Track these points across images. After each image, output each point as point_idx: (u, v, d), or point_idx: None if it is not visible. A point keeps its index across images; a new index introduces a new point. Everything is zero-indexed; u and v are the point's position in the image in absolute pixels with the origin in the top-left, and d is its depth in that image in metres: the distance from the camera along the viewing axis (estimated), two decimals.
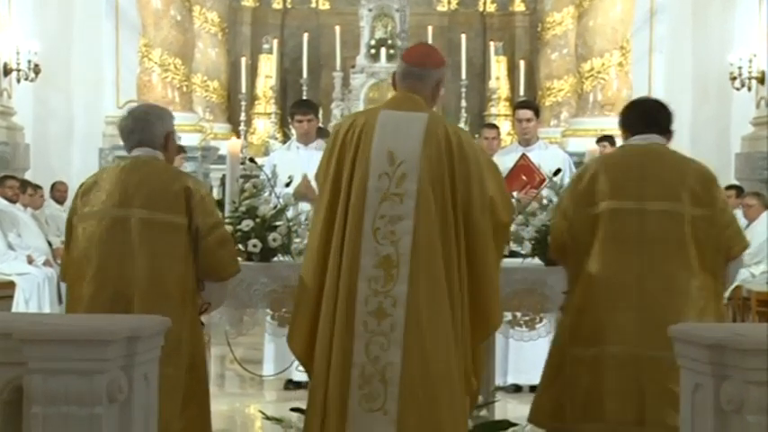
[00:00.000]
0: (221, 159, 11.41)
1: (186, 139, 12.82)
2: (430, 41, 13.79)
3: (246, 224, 5.28)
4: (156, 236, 4.28)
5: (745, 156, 12.53)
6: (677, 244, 4.57)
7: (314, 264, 4.41)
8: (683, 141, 14.33)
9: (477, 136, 12.87)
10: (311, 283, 4.40)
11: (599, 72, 13.45)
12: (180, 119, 13.31)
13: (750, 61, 12.76)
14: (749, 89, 12.82)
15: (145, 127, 4.44)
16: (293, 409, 5.48)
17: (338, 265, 4.32)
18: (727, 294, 7.61)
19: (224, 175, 6.19)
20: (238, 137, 13.26)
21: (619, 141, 12.36)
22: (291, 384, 7.60)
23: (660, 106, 4.94)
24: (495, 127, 9.52)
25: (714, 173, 4.79)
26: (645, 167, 4.67)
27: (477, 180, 4.37)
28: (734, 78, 12.86)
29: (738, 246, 4.75)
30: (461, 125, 14.29)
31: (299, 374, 6.89)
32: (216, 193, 12.16)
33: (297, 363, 6.18)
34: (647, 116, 4.86)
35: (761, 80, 12.75)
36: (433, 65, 4.56)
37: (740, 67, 12.77)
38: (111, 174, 4.41)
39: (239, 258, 4.82)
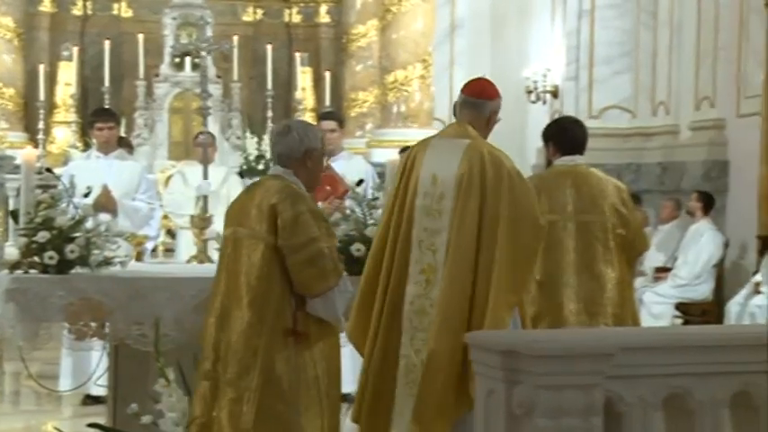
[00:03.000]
0: (17, 169, 11.04)
1: None
2: (236, 51, 13.75)
3: (42, 235, 5.15)
4: (245, 252, 4.45)
5: (541, 167, 12.99)
6: (604, 248, 5.57)
7: (371, 269, 5.05)
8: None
9: None
10: (368, 285, 5.02)
11: (402, 84, 13.70)
12: None
13: (544, 76, 13.26)
14: (544, 102, 13.31)
15: (282, 143, 4.61)
16: (91, 425, 5.36)
17: (389, 271, 4.97)
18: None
19: (20, 186, 6.00)
20: (36, 146, 12.88)
21: None
22: (89, 399, 7.41)
23: (584, 130, 5.86)
24: None
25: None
26: (575, 187, 5.60)
27: (508, 197, 4.89)
28: (530, 92, 13.34)
29: (644, 246, 6.05)
30: (267, 135, 14.30)
31: (97, 389, 6.75)
32: (12, 204, 11.76)
33: (95, 377, 6.11)
34: (577, 141, 5.77)
35: (554, 94, 13.26)
36: (488, 97, 5.17)
37: (535, 81, 13.26)
38: (245, 193, 4.70)
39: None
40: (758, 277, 9.19)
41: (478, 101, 5.14)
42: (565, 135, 5.81)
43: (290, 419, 4.35)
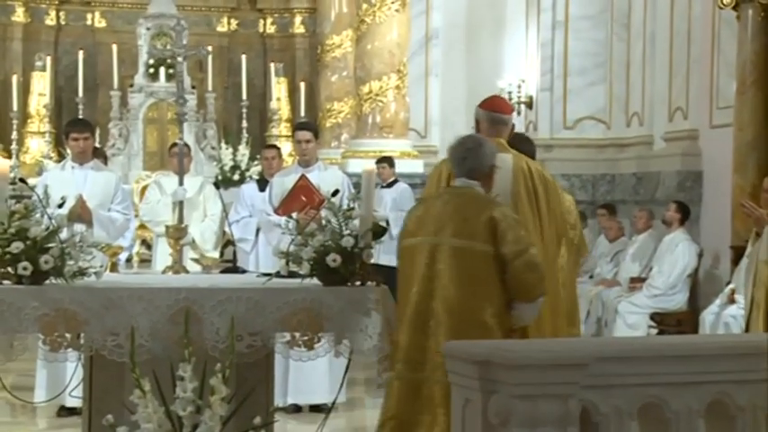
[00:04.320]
0: None
1: None
2: (210, 62, 13.74)
3: (16, 246, 5.11)
4: (463, 262, 4.72)
5: None
6: (559, 249, 6.05)
7: None
8: None
9: (258, 156, 12.93)
10: None
11: (377, 94, 13.70)
12: None
13: (519, 86, 13.31)
14: (518, 113, 13.35)
15: (476, 156, 4.90)
16: None
17: None
18: None
19: None
20: (10, 157, 12.84)
21: (397, 162, 12.75)
22: (64, 411, 7.36)
23: (534, 145, 6.33)
24: (275, 147, 9.54)
25: None
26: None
27: (557, 209, 5.36)
28: None
29: (586, 251, 7.02)
30: (242, 146, 14.31)
31: (72, 400, 6.70)
32: None
33: (69, 388, 6.07)
34: (532, 155, 5.99)
35: (529, 104, 13.31)
36: (511, 111, 5.67)
37: (510, 92, 13.29)
38: (434, 204, 4.96)
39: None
40: (732, 287, 9.24)
41: (505, 116, 5.48)
42: (525, 150, 6.17)
43: None
